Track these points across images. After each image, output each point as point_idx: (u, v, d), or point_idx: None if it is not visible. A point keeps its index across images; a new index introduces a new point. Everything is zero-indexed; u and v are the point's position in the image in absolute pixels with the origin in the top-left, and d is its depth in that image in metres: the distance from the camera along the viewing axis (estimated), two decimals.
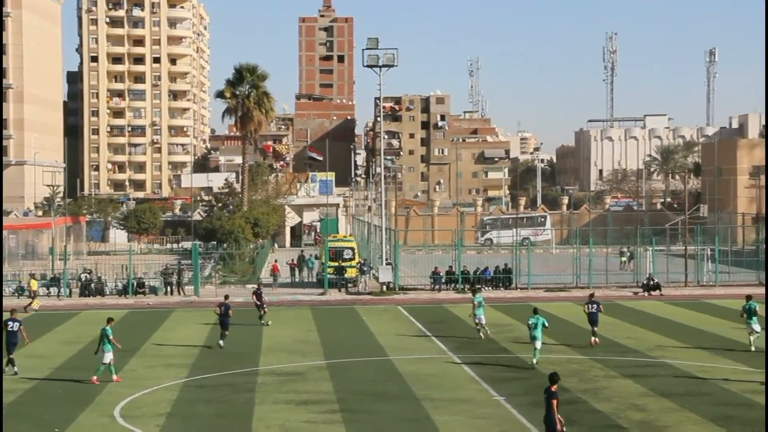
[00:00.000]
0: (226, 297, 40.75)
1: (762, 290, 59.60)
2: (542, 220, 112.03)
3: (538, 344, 33.91)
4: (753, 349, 35.92)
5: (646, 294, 57.39)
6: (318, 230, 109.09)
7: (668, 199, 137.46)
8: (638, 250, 67.65)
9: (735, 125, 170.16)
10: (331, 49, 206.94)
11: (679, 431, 24.29)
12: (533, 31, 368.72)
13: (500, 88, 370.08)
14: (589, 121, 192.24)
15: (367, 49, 62.52)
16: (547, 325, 34.68)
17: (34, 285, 56.01)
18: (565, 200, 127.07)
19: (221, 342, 37.99)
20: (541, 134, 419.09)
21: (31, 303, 53.43)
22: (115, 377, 31.36)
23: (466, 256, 67.48)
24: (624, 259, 72.33)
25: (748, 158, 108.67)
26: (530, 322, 34.18)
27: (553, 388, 21.58)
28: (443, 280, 61.17)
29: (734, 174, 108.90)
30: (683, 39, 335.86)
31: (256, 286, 44.66)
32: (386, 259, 63.33)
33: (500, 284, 61.07)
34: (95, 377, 31.09)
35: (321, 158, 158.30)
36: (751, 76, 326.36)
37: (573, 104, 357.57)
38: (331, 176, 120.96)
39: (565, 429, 21.45)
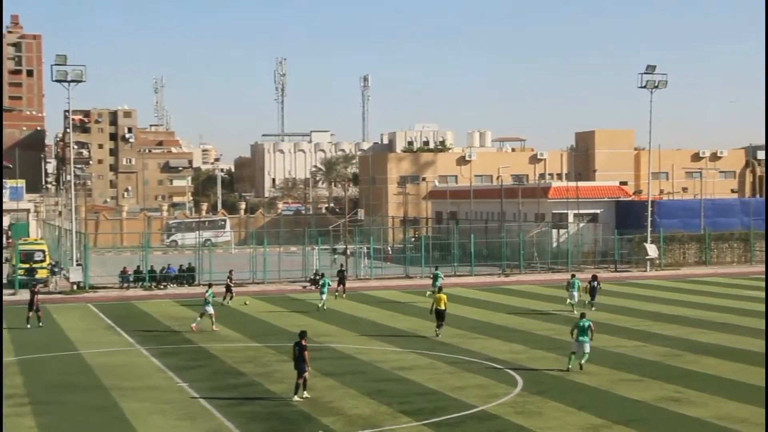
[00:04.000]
0: (231, 271, 52.14)
1: (413, 282, 62.83)
2: (222, 223, 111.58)
3: (325, 297, 46.65)
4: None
5: (313, 287, 58.50)
6: (9, 234, 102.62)
7: (331, 204, 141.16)
8: (306, 249, 68.49)
9: (386, 141, 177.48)
10: (20, 64, 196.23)
11: (341, 405, 24.92)
12: (211, 51, 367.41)
13: (184, 104, 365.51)
14: (263, 135, 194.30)
15: (56, 65, 59.43)
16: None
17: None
18: (243, 205, 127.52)
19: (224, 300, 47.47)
20: (221, 146, 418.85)
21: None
22: (214, 327, 38.83)
23: (152, 257, 66.11)
24: (336, 256, 68.17)
25: (397, 169, 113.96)
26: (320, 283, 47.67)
27: (303, 342, 25.33)
28: (131, 279, 59.51)
29: (385, 183, 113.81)
30: (343, 64, 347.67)
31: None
32: (77, 261, 60.68)
33: (184, 281, 60.22)
34: (194, 324, 39.13)
35: (11, 166, 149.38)
36: (398, 101, 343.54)
37: (249, 119, 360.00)
38: (21, 183, 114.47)
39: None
